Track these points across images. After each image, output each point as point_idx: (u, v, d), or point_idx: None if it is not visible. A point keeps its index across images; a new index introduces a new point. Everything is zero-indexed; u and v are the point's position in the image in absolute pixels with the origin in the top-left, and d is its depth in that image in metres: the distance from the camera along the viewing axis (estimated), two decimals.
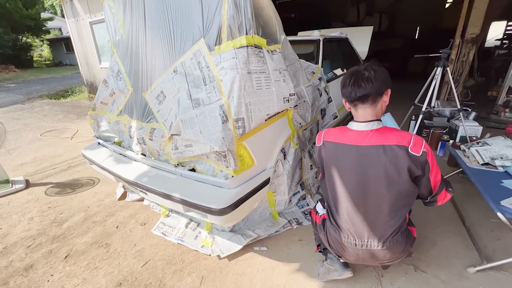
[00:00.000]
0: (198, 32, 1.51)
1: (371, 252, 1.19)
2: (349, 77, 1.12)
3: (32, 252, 1.81)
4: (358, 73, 1.11)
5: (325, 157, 1.23)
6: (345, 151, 1.15)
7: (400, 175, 1.07)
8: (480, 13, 3.74)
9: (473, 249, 1.63)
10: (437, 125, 3.40)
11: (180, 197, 1.47)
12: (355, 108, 1.15)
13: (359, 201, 1.15)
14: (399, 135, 1.08)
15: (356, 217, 1.17)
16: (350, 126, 1.18)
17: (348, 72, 1.16)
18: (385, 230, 1.15)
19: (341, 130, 1.20)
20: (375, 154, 1.08)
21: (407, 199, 1.14)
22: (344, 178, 1.17)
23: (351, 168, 1.14)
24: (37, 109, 6.49)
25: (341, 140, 1.17)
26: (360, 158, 1.11)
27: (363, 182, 1.13)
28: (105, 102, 2.09)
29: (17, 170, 3.10)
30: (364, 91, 1.08)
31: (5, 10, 14.77)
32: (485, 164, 1.81)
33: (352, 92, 1.11)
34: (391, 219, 1.14)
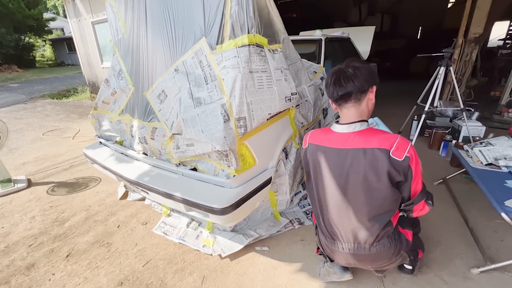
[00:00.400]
0: (199, 31, 1.51)
1: (359, 256, 1.17)
2: (331, 76, 1.10)
3: (33, 251, 1.81)
4: (339, 71, 1.08)
5: (310, 159, 1.20)
6: (327, 154, 1.12)
7: (379, 180, 1.02)
8: (483, 12, 3.72)
9: (476, 249, 1.62)
10: (440, 125, 3.38)
11: (181, 196, 1.46)
12: (340, 108, 1.12)
13: (342, 205, 1.13)
14: (382, 138, 1.03)
15: (341, 221, 1.15)
16: (333, 128, 1.15)
17: (330, 71, 1.13)
18: (369, 235, 1.11)
19: (325, 132, 1.18)
20: (355, 158, 1.05)
21: (388, 205, 1.09)
22: (326, 181, 1.14)
23: (333, 171, 1.11)
24: (39, 108, 6.52)
25: (323, 142, 1.14)
26: (341, 161, 1.08)
27: (344, 186, 1.10)
28: (106, 101, 2.09)
29: (19, 169, 3.10)
30: (345, 89, 1.05)
31: (8, 10, 14.84)
32: (489, 165, 1.80)
33: (334, 92, 1.08)
34: (373, 224, 1.10)
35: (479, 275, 1.44)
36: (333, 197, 1.14)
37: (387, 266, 1.24)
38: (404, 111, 3.59)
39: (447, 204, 2.07)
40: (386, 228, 1.11)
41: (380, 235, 1.11)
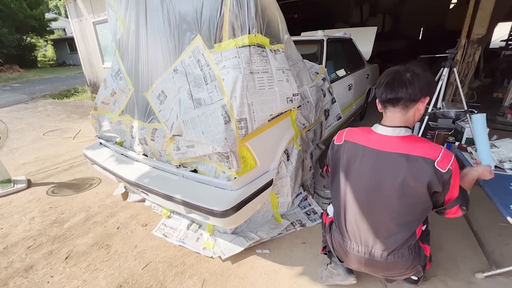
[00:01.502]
0: (195, 28, 1.48)
1: (374, 262, 1.14)
2: (386, 76, 1.06)
3: (32, 252, 1.79)
4: (396, 73, 1.04)
5: (343, 156, 1.15)
6: (365, 154, 1.08)
7: (418, 188, 1.00)
8: (487, 13, 3.69)
9: (481, 254, 1.59)
10: (442, 126, 3.35)
11: (181, 198, 1.44)
12: (385, 110, 1.09)
13: (368, 207, 1.10)
14: (427, 147, 1.00)
15: (363, 223, 1.12)
16: (375, 128, 1.11)
17: (387, 70, 1.10)
18: (390, 242, 1.09)
19: (364, 132, 1.14)
20: (396, 162, 1.02)
21: (419, 214, 1.07)
22: (357, 181, 1.12)
23: (367, 173, 1.08)
24: (40, 108, 6.52)
25: (364, 142, 1.10)
26: (379, 163, 1.05)
27: (376, 189, 1.07)
28: (106, 102, 2.08)
29: (19, 170, 3.09)
30: (395, 94, 1.01)
31: (10, 10, 14.89)
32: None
33: (383, 93, 1.04)
34: (398, 231, 1.08)
35: (484, 280, 1.41)
36: (362, 197, 1.11)
37: (398, 276, 1.22)
38: None
39: None
40: (410, 238, 1.09)
41: (405, 243, 1.09)
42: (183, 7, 1.52)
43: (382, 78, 1.07)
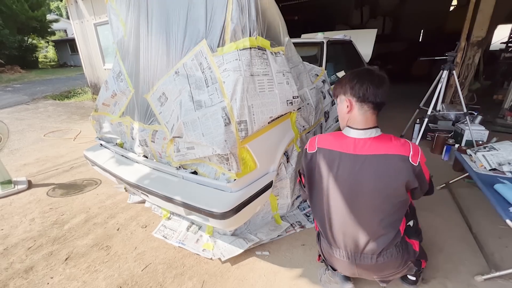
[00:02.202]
0: (200, 33, 1.50)
1: (365, 266, 1.14)
2: (370, 76, 1.05)
3: (32, 253, 1.80)
4: (372, 72, 1.07)
5: (318, 165, 1.13)
6: (342, 160, 1.07)
7: (398, 187, 1.01)
8: (486, 15, 3.71)
9: (480, 256, 1.59)
10: (442, 128, 3.36)
11: (181, 200, 1.45)
12: (361, 110, 1.06)
13: (353, 213, 1.09)
14: (399, 144, 1.02)
15: (349, 229, 1.11)
16: (346, 132, 1.11)
17: (358, 70, 1.11)
18: (379, 244, 1.09)
19: (336, 137, 1.13)
20: (373, 164, 1.02)
21: (401, 211, 1.10)
22: (338, 188, 1.10)
23: (346, 179, 1.07)
24: (41, 109, 6.54)
25: (337, 147, 1.09)
26: (356, 167, 1.04)
27: (357, 193, 1.06)
28: (107, 103, 2.09)
29: (20, 171, 3.10)
30: (378, 93, 1.03)
31: (11, 11, 14.96)
32: (493, 170, 1.78)
33: (368, 90, 1.03)
34: (385, 232, 1.08)
35: (483, 283, 1.41)
36: (345, 204, 1.09)
37: (392, 276, 1.21)
38: (406, 114, 3.57)
39: (450, 209, 2.05)
40: (396, 236, 1.10)
41: (391, 242, 1.09)
42: (187, 10, 1.54)
43: (359, 75, 1.07)
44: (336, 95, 1.19)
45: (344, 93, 1.12)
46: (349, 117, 1.11)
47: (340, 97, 1.16)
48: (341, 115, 1.17)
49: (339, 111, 1.17)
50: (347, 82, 1.10)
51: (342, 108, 1.13)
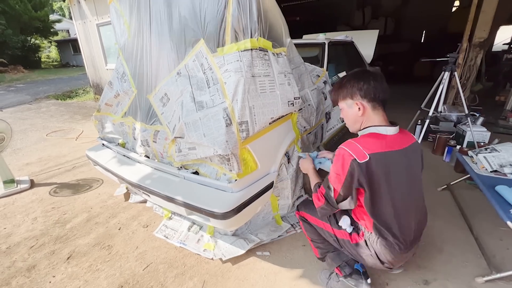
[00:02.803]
0: (199, 33, 1.51)
1: (414, 249, 1.24)
2: (372, 75, 1.13)
3: (35, 252, 1.81)
4: (370, 72, 1.15)
5: (376, 170, 1.05)
6: (396, 158, 1.08)
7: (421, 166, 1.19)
8: (488, 17, 3.70)
9: (481, 258, 1.59)
10: (444, 130, 3.35)
11: (182, 200, 1.46)
12: (374, 110, 1.12)
13: (414, 201, 1.17)
14: (409, 133, 1.19)
15: (417, 218, 1.19)
16: (382, 131, 1.10)
17: (364, 70, 1.18)
18: (425, 222, 1.25)
19: (378, 138, 1.09)
20: (413, 153, 1.14)
21: None
22: (399, 185, 1.10)
23: (403, 173, 1.11)
24: (44, 109, 6.58)
25: (388, 148, 1.07)
26: (406, 160, 1.12)
27: (413, 183, 1.15)
28: (109, 103, 2.10)
29: (23, 170, 3.12)
30: (385, 88, 1.12)
31: (15, 11, 15.07)
32: (494, 171, 1.77)
33: (377, 88, 1.10)
34: (426, 210, 1.25)
35: (484, 284, 1.41)
36: (409, 196, 1.15)
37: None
38: (408, 115, 3.57)
39: (451, 210, 2.04)
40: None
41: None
42: (186, 11, 1.54)
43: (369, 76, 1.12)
44: (339, 100, 1.21)
45: (351, 97, 1.15)
46: (363, 119, 1.15)
47: (345, 101, 1.18)
48: (352, 119, 1.19)
49: (350, 115, 1.18)
50: (352, 85, 1.13)
51: (354, 112, 1.16)
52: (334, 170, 1.10)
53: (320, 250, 1.42)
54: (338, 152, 1.10)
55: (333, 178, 1.11)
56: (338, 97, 1.21)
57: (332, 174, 1.12)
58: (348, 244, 1.25)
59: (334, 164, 1.11)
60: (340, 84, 1.20)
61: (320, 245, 1.41)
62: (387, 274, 1.50)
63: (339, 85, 1.21)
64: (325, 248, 1.40)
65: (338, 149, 1.11)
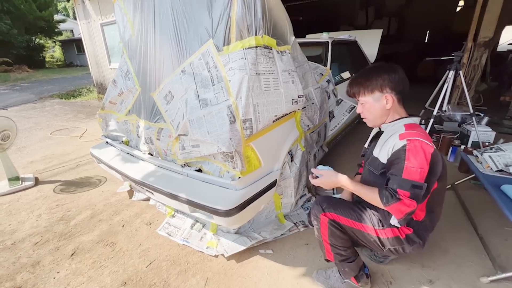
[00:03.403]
0: (207, 32, 1.51)
1: None
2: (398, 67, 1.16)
3: (39, 248, 1.82)
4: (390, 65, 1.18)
5: (441, 159, 1.10)
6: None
7: None
8: (493, 16, 3.66)
9: (486, 258, 1.57)
10: (448, 129, 3.33)
11: (186, 197, 1.46)
12: (399, 102, 1.18)
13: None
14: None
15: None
16: (414, 121, 1.17)
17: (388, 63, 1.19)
18: None
19: (421, 129, 1.13)
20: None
21: None
22: (443, 173, 1.15)
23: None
24: (48, 108, 6.63)
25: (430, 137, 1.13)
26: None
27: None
28: (113, 101, 2.11)
29: (27, 168, 3.15)
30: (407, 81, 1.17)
31: (20, 12, 15.22)
32: (499, 171, 1.76)
33: (406, 81, 1.15)
34: None
35: (489, 285, 1.40)
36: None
37: None
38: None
39: (456, 210, 2.03)
40: None
41: None
42: (193, 10, 1.55)
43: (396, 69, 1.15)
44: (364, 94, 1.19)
45: (381, 90, 1.15)
46: (390, 112, 1.18)
47: (372, 95, 1.17)
48: (379, 113, 1.19)
49: (376, 109, 1.18)
50: (383, 78, 1.13)
51: (381, 106, 1.17)
52: (416, 165, 1.01)
53: (338, 257, 1.29)
54: (413, 145, 1.02)
55: (417, 175, 1.00)
56: (364, 91, 1.18)
57: (413, 170, 1.00)
58: (393, 241, 1.17)
59: (413, 158, 1.01)
60: (366, 77, 1.17)
61: (342, 252, 1.27)
62: (390, 273, 1.49)
63: (365, 78, 1.17)
64: (346, 256, 1.28)
65: (411, 141, 1.03)
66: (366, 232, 1.21)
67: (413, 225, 1.19)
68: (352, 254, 1.30)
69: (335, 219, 1.23)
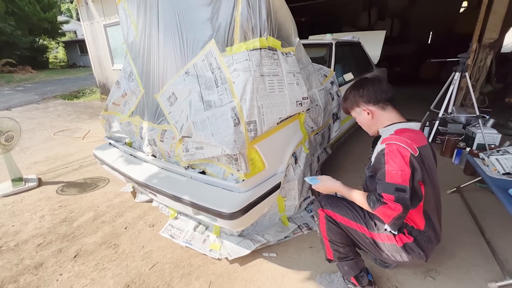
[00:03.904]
0: (209, 32, 1.50)
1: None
2: (369, 80, 1.25)
3: (42, 250, 1.82)
4: (367, 78, 1.29)
5: (425, 164, 1.09)
6: (428, 152, 1.15)
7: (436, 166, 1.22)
8: (499, 17, 3.63)
9: (493, 262, 1.55)
10: (452, 131, 3.29)
11: (189, 199, 1.45)
12: (384, 110, 1.21)
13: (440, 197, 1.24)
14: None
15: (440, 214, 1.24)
16: (412, 126, 1.17)
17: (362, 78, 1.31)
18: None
19: (413, 132, 1.13)
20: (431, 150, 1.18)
21: None
22: (435, 176, 1.16)
23: (434, 165, 1.17)
24: (51, 109, 6.66)
25: (423, 141, 1.14)
26: (431, 152, 1.17)
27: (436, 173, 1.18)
28: (117, 103, 2.11)
29: (30, 168, 3.16)
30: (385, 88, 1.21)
31: (24, 13, 15.34)
32: (506, 174, 1.73)
33: (379, 91, 1.20)
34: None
35: None
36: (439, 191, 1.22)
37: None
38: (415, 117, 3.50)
39: (462, 214, 2.00)
40: None
41: None
42: (196, 11, 1.54)
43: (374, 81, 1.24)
44: (350, 111, 1.33)
45: (357, 105, 1.27)
46: (377, 121, 1.23)
47: (354, 111, 1.31)
48: (366, 124, 1.29)
49: (363, 122, 1.29)
50: (353, 95, 1.27)
51: (365, 118, 1.26)
52: (396, 168, 1.01)
53: (337, 254, 1.30)
54: (390, 148, 1.03)
55: (399, 177, 1.00)
56: (348, 109, 1.34)
57: (395, 174, 1.01)
58: (390, 247, 1.16)
59: (392, 161, 1.02)
60: (345, 97, 1.33)
61: (341, 249, 1.28)
62: (396, 277, 1.47)
63: (344, 98, 1.34)
64: (344, 254, 1.29)
65: (388, 145, 1.04)
66: (361, 233, 1.22)
67: (414, 234, 1.16)
68: (352, 253, 1.32)
69: (331, 216, 1.28)
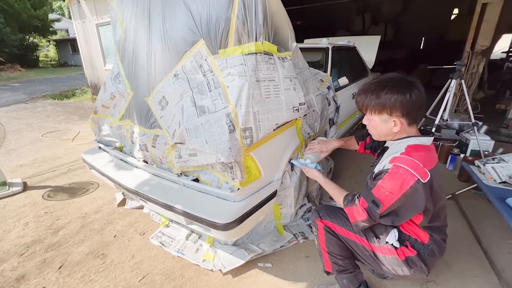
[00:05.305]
0: (198, 32, 1.42)
1: None
2: (416, 87, 1.05)
3: (25, 261, 1.72)
4: (420, 84, 1.09)
5: (436, 186, 1.02)
6: (438, 168, 1.08)
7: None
8: (491, 25, 3.69)
9: (491, 272, 1.54)
10: (446, 137, 3.31)
11: (182, 208, 1.39)
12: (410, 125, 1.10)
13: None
14: None
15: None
16: (425, 142, 1.06)
17: (405, 79, 1.06)
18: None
19: (427, 150, 1.04)
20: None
21: None
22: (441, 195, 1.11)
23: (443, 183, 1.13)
24: (40, 109, 6.47)
25: (435, 160, 1.06)
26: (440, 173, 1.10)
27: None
28: (106, 105, 2.03)
29: (16, 172, 3.03)
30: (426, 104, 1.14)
31: (13, 10, 14.97)
32: (503, 183, 1.73)
33: (421, 104, 1.08)
34: None
35: None
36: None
37: None
38: None
39: (457, 221, 1.99)
40: None
41: None
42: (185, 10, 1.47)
43: (412, 92, 1.04)
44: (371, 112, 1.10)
45: (389, 113, 1.04)
46: (395, 134, 1.11)
47: (380, 116, 1.08)
48: (383, 134, 1.13)
49: (383, 130, 1.11)
50: (395, 99, 1.01)
51: (388, 127, 1.09)
52: (387, 188, 0.98)
53: (336, 267, 1.26)
54: (396, 171, 0.98)
55: (383, 194, 0.99)
56: (372, 110, 1.08)
57: (382, 191, 0.99)
58: (391, 260, 1.12)
59: (387, 181, 0.99)
60: (377, 95, 1.04)
61: (340, 261, 1.25)
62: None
63: (375, 95, 1.04)
64: (343, 266, 1.25)
65: (395, 167, 0.98)
66: (361, 245, 1.18)
67: (418, 247, 1.13)
68: (351, 266, 1.27)
69: (330, 227, 1.24)
